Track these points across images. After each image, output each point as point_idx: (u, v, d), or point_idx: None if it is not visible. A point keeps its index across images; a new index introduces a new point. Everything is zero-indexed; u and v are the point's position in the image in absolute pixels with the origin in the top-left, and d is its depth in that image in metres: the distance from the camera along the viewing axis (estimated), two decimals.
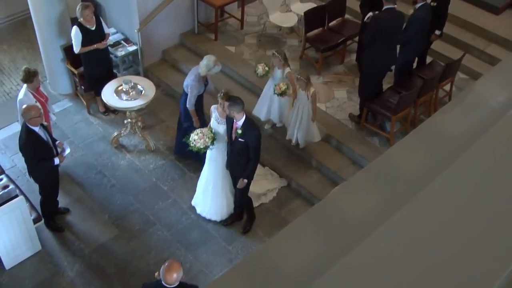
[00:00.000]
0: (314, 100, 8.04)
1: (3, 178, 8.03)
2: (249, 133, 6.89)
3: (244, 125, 6.88)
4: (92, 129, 9.54)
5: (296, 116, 8.23)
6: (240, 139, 6.94)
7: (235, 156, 7.19)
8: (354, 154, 8.48)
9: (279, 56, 8.14)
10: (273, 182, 8.55)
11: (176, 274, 5.21)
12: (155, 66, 10.44)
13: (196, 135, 7.27)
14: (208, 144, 7.27)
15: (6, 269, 7.44)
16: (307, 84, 7.90)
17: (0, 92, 10.43)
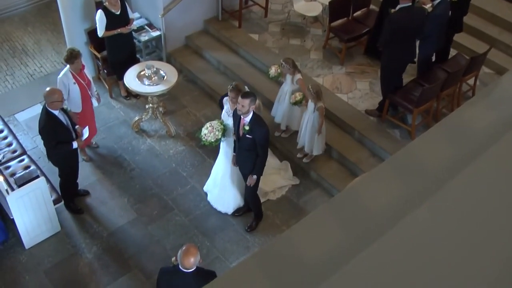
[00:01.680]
0: (321, 115, 7.88)
1: (25, 159, 8.12)
2: (256, 129, 6.75)
3: (251, 121, 6.74)
4: (113, 113, 9.59)
5: (304, 124, 8.15)
6: (247, 136, 6.80)
7: (243, 152, 7.08)
8: (375, 146, 8.43)
9: (287, 65, 8.06)
10: (284, 180, 8.42)
11: (194, 258, 5.21)
12: (178, 52, 10.45)
13: (206, 129, 7.20)
14: (219, 137, 7.19)
15: (26, 249, 7.55)
16: (315, 97, 7.77)
17: (24, 73, 10.52)
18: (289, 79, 8.24)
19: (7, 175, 7.68)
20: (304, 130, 8.18)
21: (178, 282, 5.42)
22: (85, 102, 8.08)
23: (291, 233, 2.43)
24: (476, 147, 2.69)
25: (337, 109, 8.87)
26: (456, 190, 2.43)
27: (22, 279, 7.25)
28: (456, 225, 2.30)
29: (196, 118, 9.45)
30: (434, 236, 2.28)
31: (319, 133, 8.06)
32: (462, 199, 2.41)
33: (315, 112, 7.86)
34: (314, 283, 2.15)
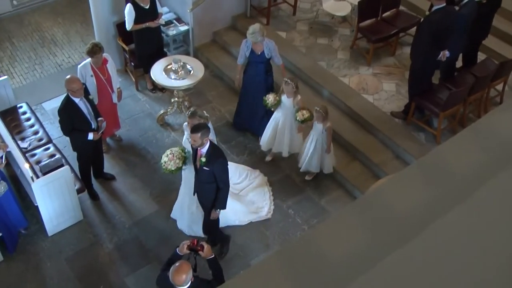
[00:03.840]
0: (329, 134, 7.82)
1: (51, 147, 8.22)
2: (213, 161, 6.36)
3: (208, 153, 6.36)
4: (139, 105, 9.65)
5: (309, 145, 8.01)
6: (205, 168, 6.41)
7: (202, 185, 6.69)
8: (399, 148, 8.37)
9: (292, 84, 7.80)
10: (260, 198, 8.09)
11: (186, 275, 5.02)
12: (205, 47, 10.47)
13: (166, 157, 6.82)
14: (179, 165, 6.82)
15: (49, 236, 7.65)
16: (324, 118, 7.68)
17: (52, 63, 10.63)
18: (287, 101, 7.98)
19: (33, 163, 7.78)
20: (310, 152, 8.01)
21: None
22: (101, 96, 8.14)
23: (315, 232, 2.43)
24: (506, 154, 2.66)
25: (363, 110, 8.83)
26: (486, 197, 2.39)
27: (44, 265, 7.35)
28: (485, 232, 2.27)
29: (221, 113, 9.47)
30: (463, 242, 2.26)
31: (329, 152, 8.01)
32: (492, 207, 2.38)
33: (324, 132, 7.78)
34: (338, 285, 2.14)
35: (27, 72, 10.43)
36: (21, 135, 8.41)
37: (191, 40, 10.21)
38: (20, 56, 10.76)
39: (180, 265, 5.07)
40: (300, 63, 9.61)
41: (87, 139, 7.47)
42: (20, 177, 7.84)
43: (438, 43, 7.96)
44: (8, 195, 7.10)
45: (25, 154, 7.79)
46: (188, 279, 5.04)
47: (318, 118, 7.71)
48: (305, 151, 8.11)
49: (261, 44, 8.07)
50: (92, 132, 7.47)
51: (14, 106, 8.86)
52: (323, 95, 9.26)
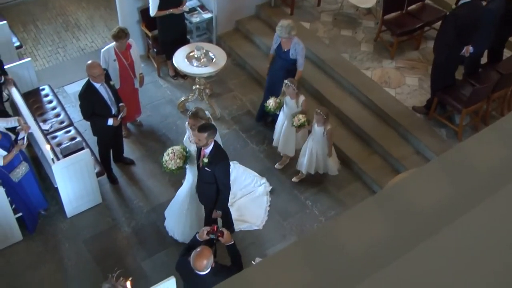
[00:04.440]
0: (330, 137, 7.64)
1: (72, 130, 8.29)
2: (215, 163, 6.25)
3: (211, 154, 6.24)
4: (160, 92, 9.69)
5: (305, 147, 7.87)
6: (207, 168, 6.31)
7: (203, 184, 6.58)
8: (420, 143, 8.30)
9: (292, 86, 7.61)
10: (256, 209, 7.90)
11: (207, 260, 5.06)
12: (228, 35, 10.46)
13: (167, 155, 6.69)
14: (180, 165, 6.65)
15: (68, 217, 7.74)
16: (325, 120, 7.47)
17: (75, 47, 10.70)
18: (291, 103, 7.81)
19: (54, 145, 7.85)
20: (309, 156, 7.85)
21: (193, 281, 5.32)
22: (123, 80, 8.18)
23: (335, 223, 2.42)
24: None
25: (384, 104, 8.77)
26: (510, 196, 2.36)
27: (62, 246, 7.44)
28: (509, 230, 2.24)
29: (242, 102, 9.47)
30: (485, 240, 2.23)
31: (330, 155, 7.85)
32: None
33: (325, 136, 7.60)
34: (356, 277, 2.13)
35: (50, 55, 10.50)
36: (43, 117, 8.49)
37: (214, 28, 10.21)
38: (44, 39, 10.83)
39: (201, 250, 5.10)
40: (323, 55, 9.56)
41: (106, 124, 7.52)
42: (41, 158, 7.93)
43: (463, 38, 7.87)
44: (29, 176, 7.18)
45: (46, 136, 7.85)
46: (209, 264, 5.08)
47: (319, 121, 7.48)
48: (303, 155, 7.95)
49: (288, 42, 7.92)
50: (112, 118, 7.51)
51: (36, 88, 8.94)
52: (344, 87, 9.20)
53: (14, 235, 7.38)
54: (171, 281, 6.04)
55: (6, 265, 7.21)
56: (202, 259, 5.04)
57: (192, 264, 5.06)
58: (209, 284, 5.02)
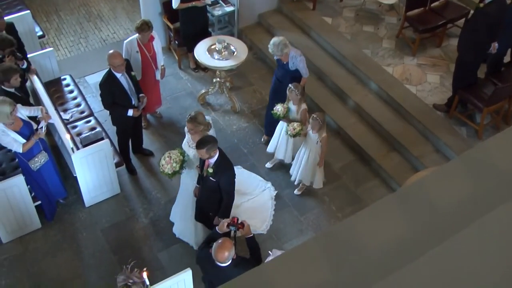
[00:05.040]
0: (324, 145, 7.38)
1: (92, 120, 8.34)
2: (220, 174, 6.14)
3: (216, 164, 6.13)
4: (180, 84, 9.71)
5: (298, 155, 7.71)
6: (211, 178, 6.20)
7: (206, 192, 6.48)
8: (439, 142, 8.24)
9: (296, 90, 7.41)
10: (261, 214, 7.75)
11: (228, 252, 5.09)
12: (250, 29, 10.46)
13: (163, 159, 6.55)
14: (176, 169, 6.50)
15: (86, 207, 7.80)
16: (321, 127, 7.22)
17: (97, 38, 10.76)
18: (293, 108, 7.64)
19: (74, 134, 7.90)
20: (302, 163, 7.66)
21: (214, 272, 5.36)
22: (145, 72, 8.21)
23: (355, 219, 2.40)
24: None
25: (405, 101, 8.71)
26: None
27: (80, 235, 7.50)
28: None
29: (262, 96, 9.45)
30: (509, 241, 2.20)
31: (320, 165, 7.61)
32: None
33: (319, 143, 7.38)
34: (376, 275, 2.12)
35: (72, 45, 10.57)
36: (64, 106, 8.55)
37: (236, 21, 10.21)
38: (66, 29, 10.90)
39: (222, 242, 5.13)
40: (344, 50, 9.52)
41: (126, 114, 7.56)
42: (60, 147, 7.99)
43: (490, 36, 7.79)
44: (49, 165, 7.23)
45: (67, 125, 7.90)
46: (230, 256, 5.11)
47: (314, 127, 7.23)
48: (296, 162, 7.80)
49: (285, 56, 7.74)
50: (132, 109, 7.55)
51: (58, 78, 9.02)
52: (365, 84, 9.16)
53: (33, 222, 7.46)
54: (187, 273, 6.06)
55: (24, 252, 7.29)
56: (223, 250, 5.07)
57: (214, 255, 5.09)
58: (230, 276, 4.95)
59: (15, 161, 7.56)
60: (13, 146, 6.65)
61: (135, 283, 4.86)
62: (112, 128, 8.15)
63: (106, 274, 7.05)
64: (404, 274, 2.07)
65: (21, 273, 7.09)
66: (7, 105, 6.36)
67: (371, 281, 2.08)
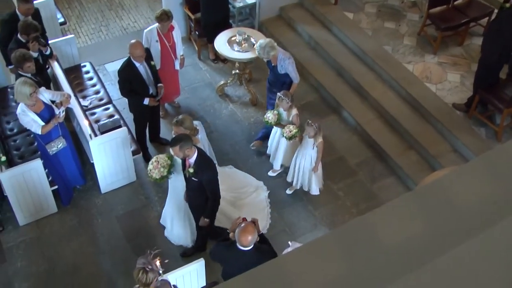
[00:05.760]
0: (320, 151, 7.25)
1: (110, 108, 8.38)
2: (202, 172, 6.07)
3: (196, 163, 6.07)
4: (199, 75, 9.72)
5: (295, 160, 7.57)
6: (193, 179, 6.15)
7: (191, 193, 6.43)
8: (458, 142, 8.17)
9: (286, 99, 7.32)
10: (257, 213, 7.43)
11: (252, 236, 5.19)
12: (271, 21, 10.43)
13: (151, 164, 6.50)
14: (164, 174, 6.45)
15: (102, 193, 7.86)
16: (316, 132, 7.12)
17: (118, 26, 10.79)
18: (284, 114, 7.55)
19: (92, 121, 7.95)
20: (299, 168, 7.56)
21: (236, 260, 5.38)
22: (164, 61, 8.23)
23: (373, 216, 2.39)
24: None
25: (424, 99, 8.64)
26: None
27: (95, 221, 7.56)
28: None
29: None
30: None
31: (316, 171, 7.47)
32: None
33: (315, 148, 7.26)
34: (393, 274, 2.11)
35: (93, 33, 10.62)
36: (83, 93, 8.61)
37: (257, 14, 10.19)
38: (88, 16, 10.95)
39: (246, 226, 5.24)
40: (365, 46, 9.46)
41: (143, 103, 7.59)
42: (79, 133, 8.04)
43: None
44: (67, 151, 7.28)
45: (85, 112, 7.95)
46: (254, 240, 5.23)
47: (309, 132, 7.14)
48: (293, 167, 7.68)
49: (274, 59, 7.70)
50: (148, 98, 7.57)
51: (78, 65, 9.07)
52: (385, 80, 9.11)
53: (50, 206, 7.53)
54: (200, 263, 6.10)
55: (41, 235, 7.37)
56: (247, 234, 5.19)
57: (238, 239, 5.20)
58: (252, 261, 5.11)
59: (34, 145, 7.64)
60: (32, 127, 6.73)
61: (153, 270, 4.89)
62: (130, 116, 8.19)
63: (120, 261, 7.11)
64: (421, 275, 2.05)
65: (37, 256, 7.16)
66: (27, 86, 6.44)
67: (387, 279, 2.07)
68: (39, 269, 7.04)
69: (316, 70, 9.52)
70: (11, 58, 7.13)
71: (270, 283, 2.02)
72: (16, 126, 7.98)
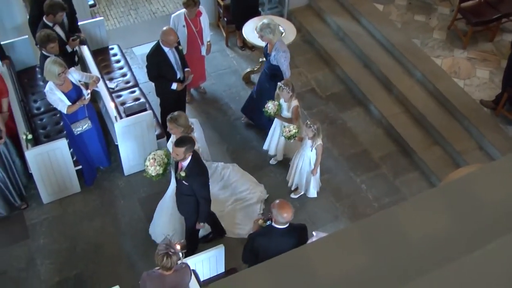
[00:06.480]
0: (318, 154, 7.08)
1: (136, 91, 8.42)
2: (193, 177, 5.95)
3: (188, 168, 5.94)
4: (226, 61, 9.72)
5: (294, 160, 7.46)
6: (184, 182, 6.03)
7: (182, 196, 6.30)
8: (484, 139, 8.07)
9: (287, 88, 7.16)
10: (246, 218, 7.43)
11: (288, 214, 5.32)
12: (300, 11, 10.38)
13: (148, 161, 6.35)
14: (160, 172, 6.30)
15: (125, 175, 7.92)
16: (315, 134, 6.92)
17: (147, 10, 10.82)
18: (284, 105, 7.41)
19: (118, 103, 8.00)
20: (297, 169, 7.43)
21: (277, 241, 5.42)
22: (191, 47, 8.25)
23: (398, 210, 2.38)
24: None
25: (451, 94, 8.55)
26: None
27: (118, 202, 7.63)
28: None
29: (307, 79, 9.41)
30: None
31: (314, 174, 7.32)
32: None
33: (313, 150, 7.09)
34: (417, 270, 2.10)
35: (122, 16, 10.67)
36: (110, 75, 8.66)
37: (286, 2, 10.15)
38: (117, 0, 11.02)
39: (281, 202, 5.38)
40: (394, 39, 9.38)
41: (170, 88, 7.61)
42: (104, 115, 8.10)
43: None
44: (93, 133, 7.34)
45: (111, 94, 8.00)
46: (290, 217, 5.36)
47: (308, 134, 6.97)
48: (292, 167, 7.57)
49: (271, 44, 7.60)
50: (176, 83, 7.59)
51: (106, 47, 9.13)
52: (412, 74, 9.02)
53: (73, 186, 7.61)
54: (220, 249, 6.14)
55: (63, 214, 7.46)
56: (287, 209, 5.33)
57: (280, 214, 5.29)
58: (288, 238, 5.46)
59: (60, 125, 7.73)
60: (58, 105, 6.81)
61: (175, 253, 4.93)
62: (155, 100, 8.22)
63: (140, 243, 7.17)
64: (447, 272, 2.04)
65: (59, 234, 7.26)
66: (57, 65, 6.51)
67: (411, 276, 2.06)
68: (61, 247, 7.13)
69: (344, 61, 9.46)
70: (36, 38, 7.22)
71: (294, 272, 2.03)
72: (43, 105, 8.08)
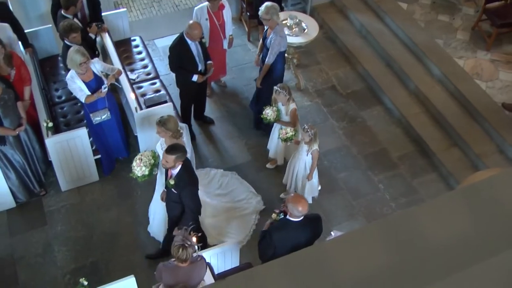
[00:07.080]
0: (314, 159, 6.97)
1: (157, 83, 8.45)
2: (182, 186, 5.87)
3: (178, 176, 5.87)
4: (248, 56, 9.71)
5: (291, 163, 7.38)
6: (173, 190, 5.96)
7: (170, 202, 6.22)
8: (504, 143, 7.98)
9: (284, 92, 7.07)
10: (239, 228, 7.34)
11: (302, 207, 5.38)
12: (323, 7, 10.34)
13: (135, 161, 6.32)
14: (145, 173, 6.26)
15: None
16: (311, 139, 6.80)
17: (170, 2, 10.85)
18: (282, 109, 7.30)
19: (138, 95, 8.03)
20: (293, 173, 7.35)
21: (293, 234, 5.50)
22: (213, 40, 8.25)
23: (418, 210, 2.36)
24: None
25: (472, 96, 8.47)
26: None
27: (134, 193, 7.68)
28: None
29: (328, 76, 9.37)
30: None
31: (309, 179, 7.17)
32: None
33: (309, 155, 6.99)
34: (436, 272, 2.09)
35: (145, 8, 10.70)
36: (131, 66, 8.69)
37: None
38: None
39: (296, 196, 5.54)
40: (416, 38, 9.31)
41: (191, 79, 7.62)
42: (125, 106, 8.14)
43: None
44: (112, 123, 7.39)
45: (132, 85, 8.03)
46: (305, 212, 5.42)
47: (304, 138, 6.87)
48: (288, 170, 7.50)
49: (272, 25, 7.57)
50: (197, 75, 7.61)
51: (128, 38, 9.16)
52: (433, 74, 8.96)
53: (92, 175, 7.67)
54: (235, 245, 6.16)
55: (81, 202, 7.52)
56: (302, 202, 5.43)
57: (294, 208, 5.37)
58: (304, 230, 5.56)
59: (80, 114, 7.79)
60: (77, 94, 6.89)
61: (191, 245, 4.95)
62: (176, 92, 8.23)
63: None
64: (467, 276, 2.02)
65: (76, 221, 7.32)
66: (79, 55, 6.57)
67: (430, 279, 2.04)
68: (78, 234, 7.19)
69: (365, 59, 9.42)
70: (58, 27, 7.29)
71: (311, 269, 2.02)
72: (64, 94, 8.14)
